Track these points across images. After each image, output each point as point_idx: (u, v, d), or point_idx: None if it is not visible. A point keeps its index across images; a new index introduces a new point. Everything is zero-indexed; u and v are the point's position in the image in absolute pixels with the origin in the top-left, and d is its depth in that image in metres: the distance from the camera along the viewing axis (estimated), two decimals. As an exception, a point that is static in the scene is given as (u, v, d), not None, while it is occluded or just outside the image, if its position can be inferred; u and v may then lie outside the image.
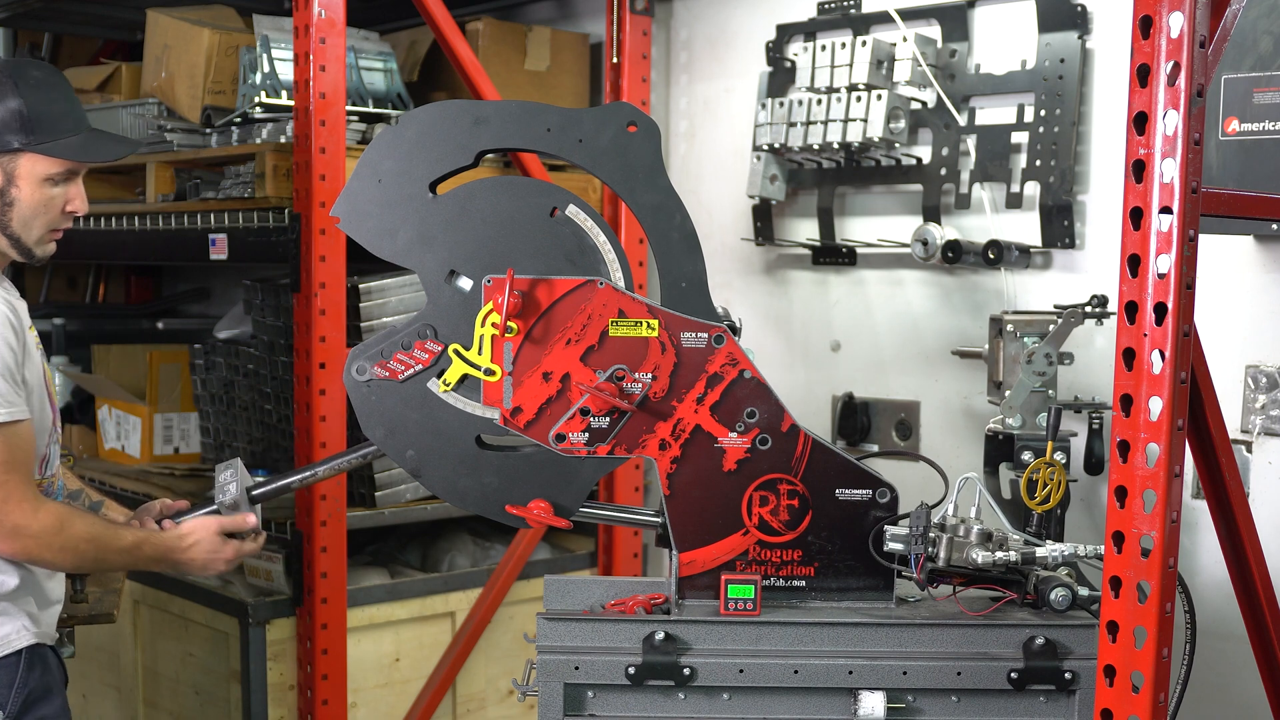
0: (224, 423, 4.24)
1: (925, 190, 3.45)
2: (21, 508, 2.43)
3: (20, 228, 2.50)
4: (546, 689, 2.19)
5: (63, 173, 2.52)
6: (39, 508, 2.45)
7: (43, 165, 2.49)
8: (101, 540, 2.54)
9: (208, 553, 2.65)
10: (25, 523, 2.43)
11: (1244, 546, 2.10)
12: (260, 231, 3.55)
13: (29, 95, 2.49)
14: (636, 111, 2.30)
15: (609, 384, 2.27)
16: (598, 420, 2.29)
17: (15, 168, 2.47)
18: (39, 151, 2.47)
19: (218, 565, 2.67)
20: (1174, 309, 1.61)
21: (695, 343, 2.28)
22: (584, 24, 4.35)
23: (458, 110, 2.31)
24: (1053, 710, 2.20)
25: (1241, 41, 2.72)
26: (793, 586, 2.32)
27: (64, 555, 2.49)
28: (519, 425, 2.29)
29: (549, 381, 2.28)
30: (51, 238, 2.56)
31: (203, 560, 2.65)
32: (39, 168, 2.48)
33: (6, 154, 2.46)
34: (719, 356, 2.29)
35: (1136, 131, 1.64)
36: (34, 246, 2.53)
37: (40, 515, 2.44)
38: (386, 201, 2.29)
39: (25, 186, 2.48)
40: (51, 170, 2.50)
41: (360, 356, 2.30)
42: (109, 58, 4.90)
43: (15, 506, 2.42)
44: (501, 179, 2.38)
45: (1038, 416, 2.68)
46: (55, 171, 2.51)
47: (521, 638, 3.82)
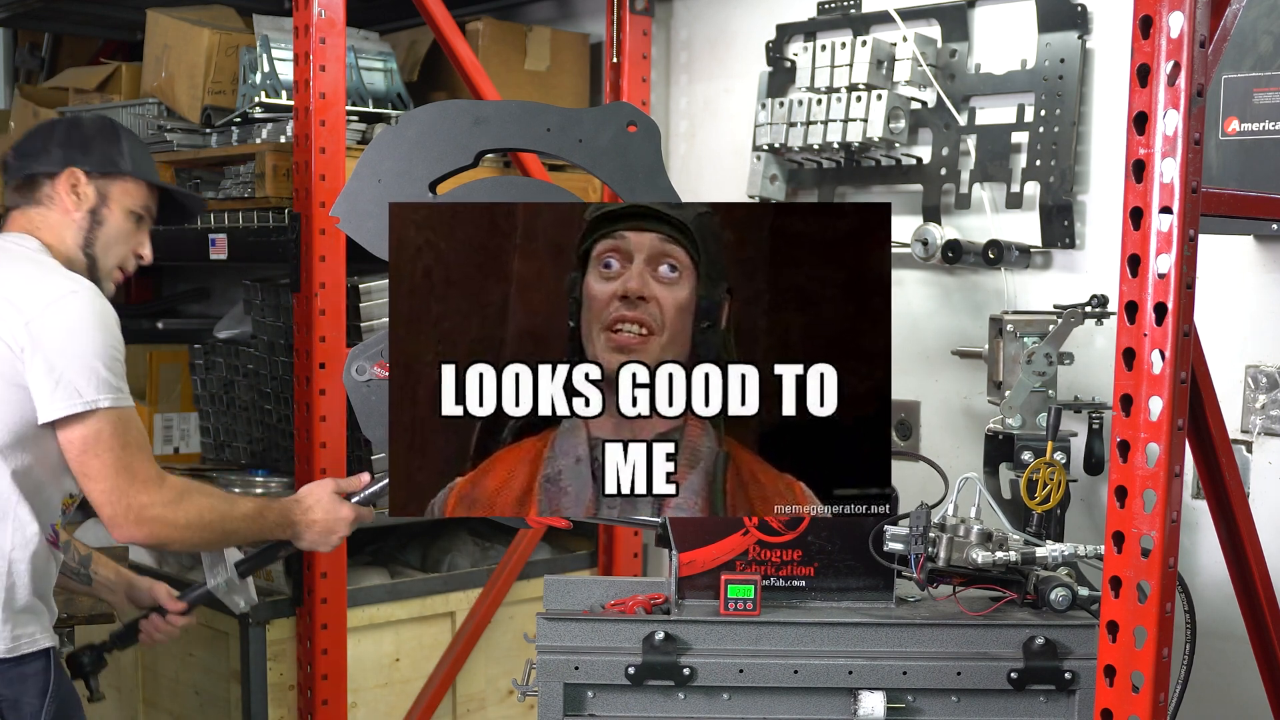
0: (224, 423, 4.24)
1: (925, 190, 3.45)
2: (147, 487, 2.43)
3: (101, 250, 2.61)
4: (546, 689, 2.19)
5: (144, 210, 2.66)
6: (162, 484, 2.46)
7: (132, 197, 2.63)
8: (223, 510, 2.55)
9: (326, 513, 2.63)
10: (151, 501, 2.42)
11: (1244, 546, 2.10)
12: (260, 231, 3.54)
13: (131, 140, 2.69)
14: (636, 111, 2.30)
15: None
16: (598, 420, 2.28)
17: (110, 191, 2.61)
18: (138, 177, 2.63)
19: (339, 528, 2.64)
20: (1174, 309, 1.61)
21: (695, 343, 2.28)
22: (584, 24, 4.35)
23: (458, 110, 2.31)
24: (1053, 710, 2.20)
25: (1241, 41, 2.72)
26: (793, 586, 2.32)
27: (190, 531, 2.48)
28: (519, 425, 2.29)
29: (549, 381, 2.28)
30: (117, 275, 2.67)
31: (323, 522, 2.63)
32: (128, 198, 2.63)
33: (107, 176, 2.61)
34: (719, 356, 2.28)
35: (1136, 131, 1.64)
36: (104, 275, 2.63)
37: (164, 492, 2.45)
38: (386, 201, 2.29)
39: (115, 211, 2.62)
40: (138, 204, 2.64)
41: (360, 356, 2.30)
42: (109, 58, 4.90)
43: (141, 486, 2.42)
44: (501, 179, 2.38)
45: (1038, 416, 2.68)
46: (140, 206, 2.65)
47: (521, 638, 3.82)
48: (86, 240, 2.60)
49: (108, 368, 2.41)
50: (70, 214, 2.59)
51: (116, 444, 2.41)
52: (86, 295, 2.46)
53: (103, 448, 2.40)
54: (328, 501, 2.64)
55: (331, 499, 2.64)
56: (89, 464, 2.40)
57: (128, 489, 2.41)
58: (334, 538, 2.66)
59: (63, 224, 2.59)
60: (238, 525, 2.57)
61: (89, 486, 2.43)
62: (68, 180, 2.59)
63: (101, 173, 2.61)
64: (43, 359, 2.37)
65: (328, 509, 2.63)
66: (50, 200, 2.60)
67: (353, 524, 2.66)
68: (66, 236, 2.59)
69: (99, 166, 2.61)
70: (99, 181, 2.61)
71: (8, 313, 2.39)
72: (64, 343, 2.39)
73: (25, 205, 2.62)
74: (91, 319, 2.43)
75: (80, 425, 2.39)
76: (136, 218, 2.66)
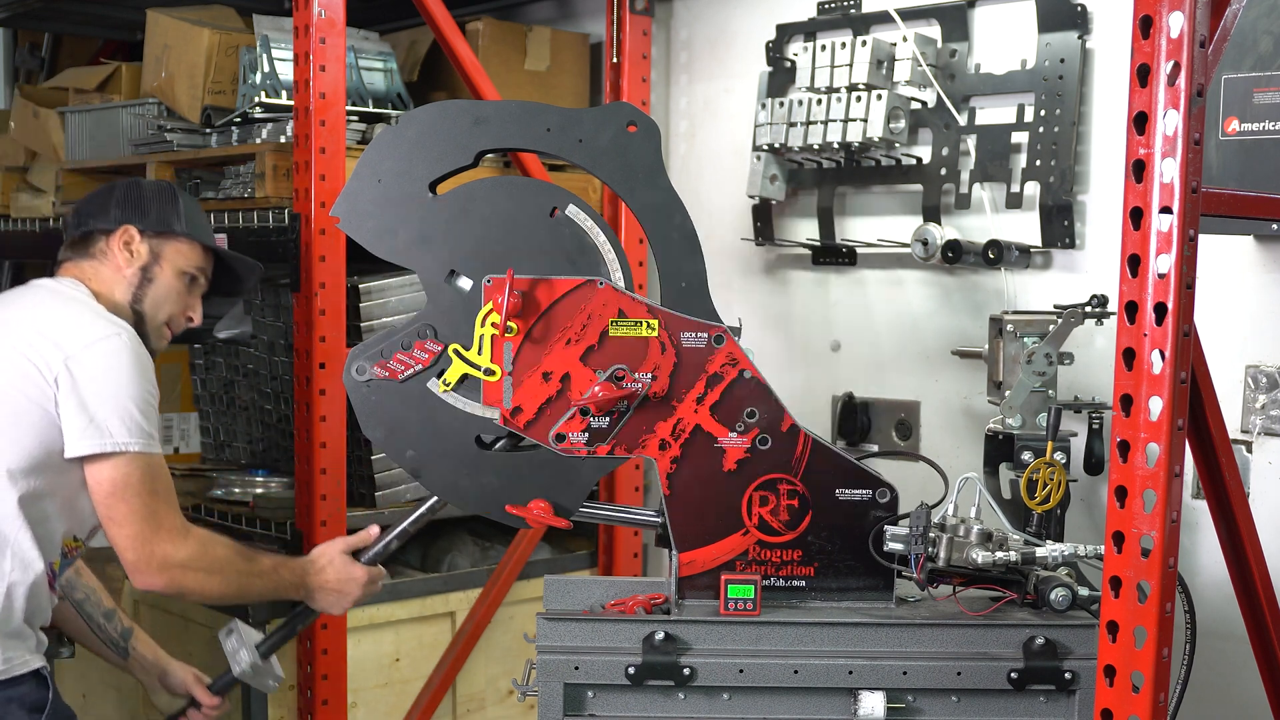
0: (224, 423, 4.24)
1: (925, 190, 3.44)
2: (171, 536, 2.47)
3: (150, 306, 2.68)
4: (546, 689, 2.19)
5: (197, 271, 2.72)
6: (186, 535, 2.50)
7: (185, 257, 2.70)
8: (242, 566, 2.57)
9: (338, 573, 2.62)
10: (172, 553, 2.46)
11: (1244, 546, 2.10)
12: (260, 231, 3.54)
13: (189, 204, 2.74)
14: (636, 111, 2.30)
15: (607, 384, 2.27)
16: (598, 420, 2.29)
17: (163, 250, 2.68)
18: (191, 239, 2.70)
19: (351, 589, 2.63)
20: (1174, 309, 1.61)
21: (695, 343, 2.28)
22: (584, 24, 4.35)
23: (458, 110, 2.31)
24: (1053, 710, 2.20)
25: (1241, 41, 2.72)
26: (793, 586, 2.32)
27: (210, 581, 2.51)
28: (519, 425, 2.29)
29: (549, 381, 2.28)
30: (165, 333, 2.72)
31: (335, 582, 2.62)
32: (181, 259, 2.69)
33: (161, 235, 2.67)
34: (719, 356, 2.29)
35: (1136, 131, 1.64)
36: (151, 331, 2.68)
37: (188, 543, 2.48)
38: (386, 201, 2.29)
39: (167, 269, 2.68)
40: (190, 265, 2.71)
41: (360, 356, 2.30)
42: (109, 58, 4.90)
43: (165, 536, 2.46)
44: (501, 179, 2.38)
45: (1038, 416, 2.68)
46: (193, 267, 2.71)
47: (521, 638, 3.82)
48: (135, 296, 2.66)
49: (141, 413, 2.47)
50: (122, 270, 2.66)
51: (145, 491, 2.45)
52: (127, 339, 2.51)
53: (131, 493, 2.44)
54: (339, 561, 2.64)
55: (343, 559, 2.64)
56: (116, 508, 2.44)
57: (152, 537, 2.45)
58: (347, 600, 2.65)
59: (114, 279, 2.66)
60: (254, 581, 2.60)
61: (113, 531, 2.47)
62: (122, 236, 2.66)
63: (156, 231, 2.67)
64: (77, 396, 2.42)
65: (339, 569, 2.63)
66: (104, 255, 2.67)
67: (366, 585, 2.65)
68: (116, 290, 2.65)
69: (154, 225, 2.67)
70: (153, 240, 2.67)
71: (47, 348, 2.45)
72: (100, 382, 2.44)
73: (79, 259, 2.69)
74: (130, 363, 2.48)
75: (110, 467, 2.43)
76: (189, 279, 2.72)
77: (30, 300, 2.62)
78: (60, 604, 2.73)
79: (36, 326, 2.51)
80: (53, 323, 2.51)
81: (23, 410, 2.43)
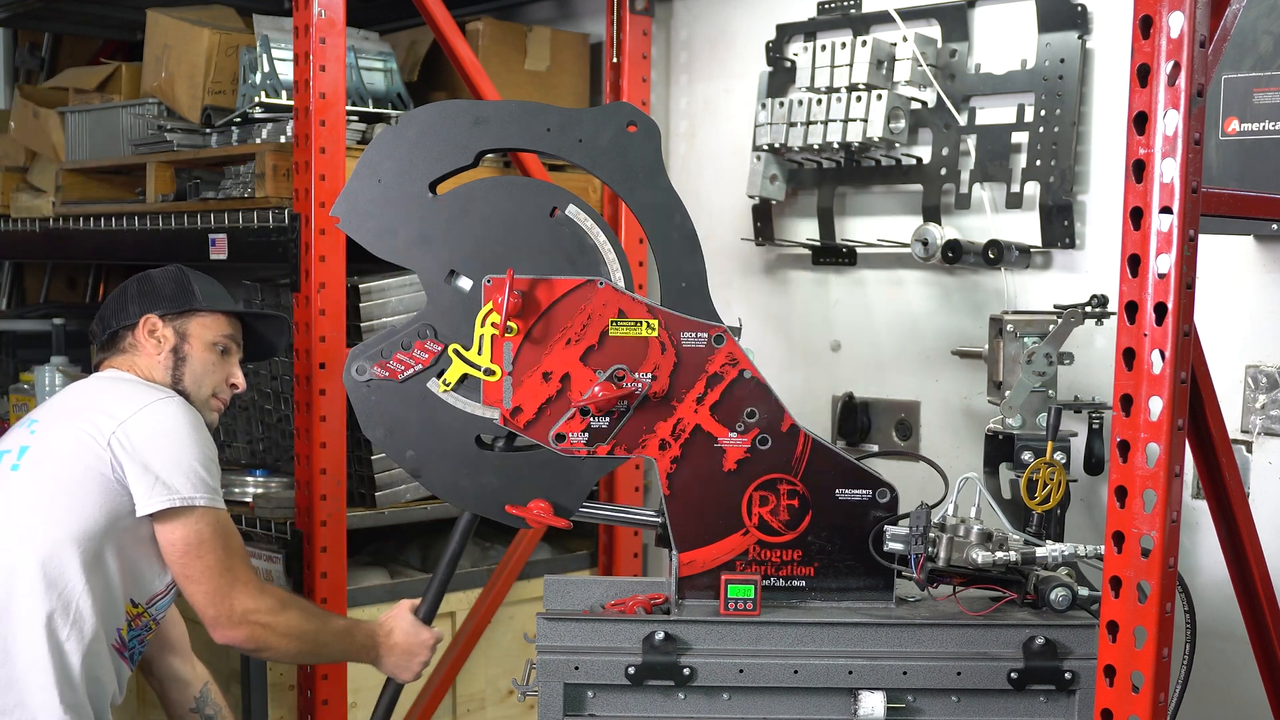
0: (224, 423, 4.23)
1: (925, 190, 3.44)
2: (249, 590, 2.51)
3: (192, 384, 2.71)
4: (546, 689, 2.19)
5: (226, 340, 2.76)
6: (263, 590, 2.53)
7: (210, 329, 2.74)
8: (317, 625, 2.61)
9: (406, 635, 2.64)
10: (254, 606, 2.50)
11: (1244, 546, 2.10)
12: (260, 231, 3.54)
13: (201, 280, 2.79)
14: (636, 111, 2.30)
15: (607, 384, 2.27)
16: (598, 420, 2.29)
17: (188, 328, 2.73)
18: (211, 309, 2.74)
19: (420, 651, 2.65)
20: (1174, 309, 1.61)
21: (695, 343, 2.28)
22: (584, 24, 4.35)
23: (458, 110, 2.31)
24: (1053, 710, 2.21)
25: (1241, 41, 2.72)
26: (793, 586, 2.33)
27: (288, 641, 2.54)
28: (519, 425, 2.29)
29: (549, 381, 2.28)
30: (216, 404, 2.76)
31: (403, 644, 2.64)
32: (207, 332, 2.74)
33: (182, 315, 2.72)
34: (719, 356, 2.29)
35: (1136, 131, 1.64)
36: (200, 406, 2.71)
37: (265, 598, 2.52)
38: (386, 201, 2.29)
39: (196, 345, 2.73)
40: (218, 335, 2.75)
41: (360, 356, 2.30)
42: (109, 58, 4.90)
43: (242, 589, 2.50)
44: (501, 179, 2.38)
45: (1038, 416, 2.68)
46: (221, 336, 2.75)
47: (521, 638, 3.82)
48: (175, 377, 2.70)
49: (205, 468, 2.51)
50: (154, 357, 2.71)
51: (219, 546, 2.49)
52: (178, 401, 2.59)
53: (205, 550, 2.48)
54: (407, 624, 2.66)
55: (411, 621, 2.67)
56: (192, 565, 2.48)
57: (230, 591, 2.48)
58: (415, 662, 2.66)
59: (150, 365, 2.71)
60: (329, 640, 2.64)
61: (191, 588, 2.50)
62: (145, 327, 2.71)
63: (176, 312, 2.72)
64: (139, 458, 2.47)
65: (407, 631, 2.66)
66: (134, 348, 2.72)
67: (432, 647, 2.68)
68: (156, 375, 2.70)
69: (172, 307, 2.72)
70: (175, 322, 2.72)
71: (100, 418, 2.51)
72: (158, 441, 2.50)
73: (113, 356, 2.75)
74: (184, 422, 2.55)
75: (181, 525, 2.47)
76: (221, 349, 2.76)
77: (81, 388, 2.72)
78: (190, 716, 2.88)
79: (90, 403, 2.60)
80: (104, 397, 2.60)
81: (80, 479, 2.48)
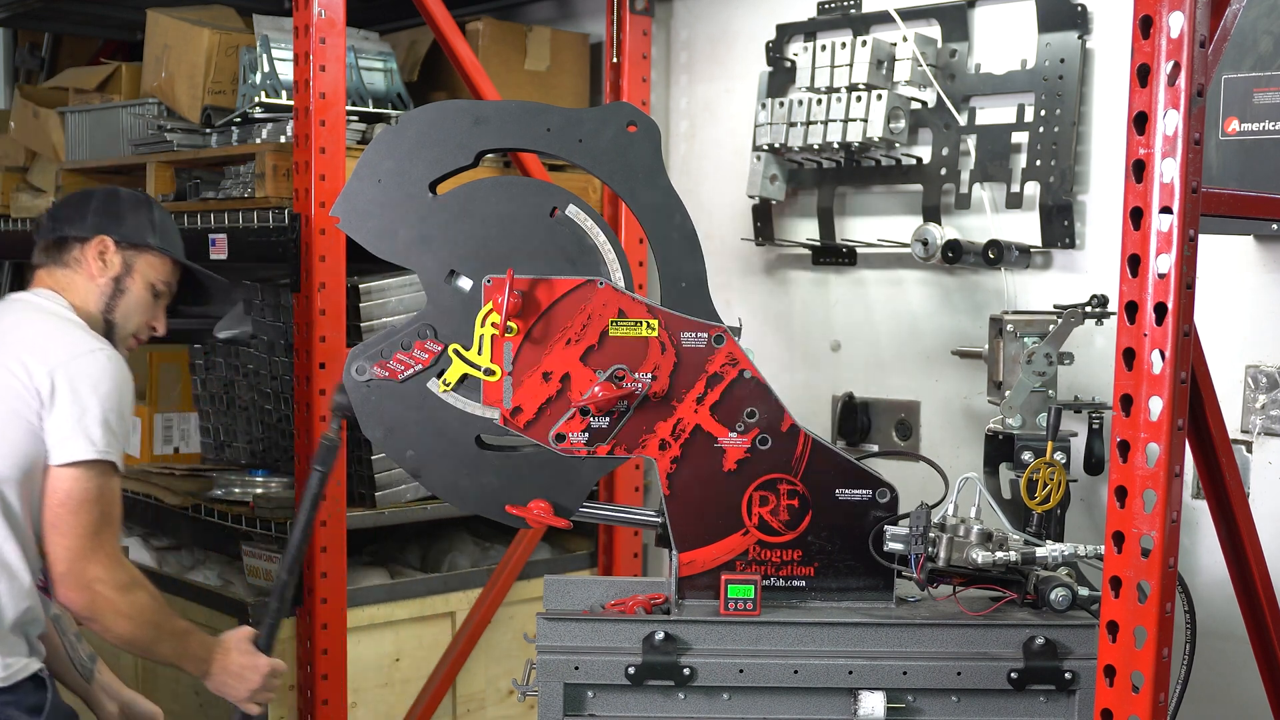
0: (224, 423, 4.24)
1: (925, 190, 3.44)
2: (107, 560, 2.47)
3: (120, 317, 2.71)
4: (546, 689, 2.19)
5: (164, 286, 2.77)
6: (119, 565, 2.50)
7: (156, 271, 2.74)
8: (160, 619, 2.56)
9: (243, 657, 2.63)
10: (105, 577, 2.46)
11: (1244, 546, 2.10)
12: (260, 231, 3.54)
13: (161, 215, 2.78)
14: (636, 111, 2.30)
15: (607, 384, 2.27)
16: (598, 420, 2.29)
17: (136, 263, 2.72)
18: (164, 253, 2.74)
19: (251, 677, 2.63)
20: (1174, 309, 1.61)
21: (695, 343, 2.28)
22: (584, 24, 4.35)
23: (458, 110, 2.31)
24: (1053, 710, 2.20)
25: (1241, 41, 2.72)
26: (793, 586, 2.32)
27: (124, 621, 2.49)
28: (519, 425, 2.29)
29: (549, 381, 2.28)
30: (131, 342, 2.76)
31: (237, 665, 2.62)
32: (153, 272, 2.74)
33: (135, 248, 2.71)
34: (719, 356, 2.29)
35: (1136, 131, 1.64)
36: (120, 341, 2.71)
37: (118, 573, 2.48)
38: (386, 201, 2.29)
39: (138, 282, 2.72)
40: (160, 279, 2.75)
41: (360, 356, 2.30)
42: (109, 58, 4.90)
43: (102, 557, 2.46)
44: (501, 179, 2.38)
45: (1038, 416, 2.68)
46: (161, 281, 2.75)
47: (521, 638, 3.82)
48: (108, 306, 2.69)
49: (120, 429, 2.49)
50: (95, 279, 2.69)
51: (99, 510, 2.47)
52: (111, 354, 2.56)
53: (86, 508, 2.45)
54: (246, 647, 2.65)
55: (250, 646, 2.66)
56: (65, 518, 2.45)
57: (89, 555, 2.45)
58: (244, 687, 2.64)
59: (87, 288, 2.69)
60: (166, 637, 2.57)
61: (54, 538, 2.46)
62: (97, 247, 2.69)
63: (130, 244, 2.70)
64: (63, 406, 2.44)
65: (244, 653, 2.64)
66: (78, 264, 2.70)
67: (267, 675, 2.65)
68: (90, 300, 2.69)
69: (128, 237, 2.70)
70: (126, 252, 2.71)
71: (33, 362, 2.47)
72: (86, 394, 2.47)
73: (53, 265, 2.72)
74: (115, 376, 2.52)
75: (77, 478, 2.45)
76: (156, 292, 2.75)
77: (13, 318, 2.65)
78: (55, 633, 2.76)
79: (22, 341, 2.54)
80: (36, 336, 2.55)
81: (6, 423, 2.45)
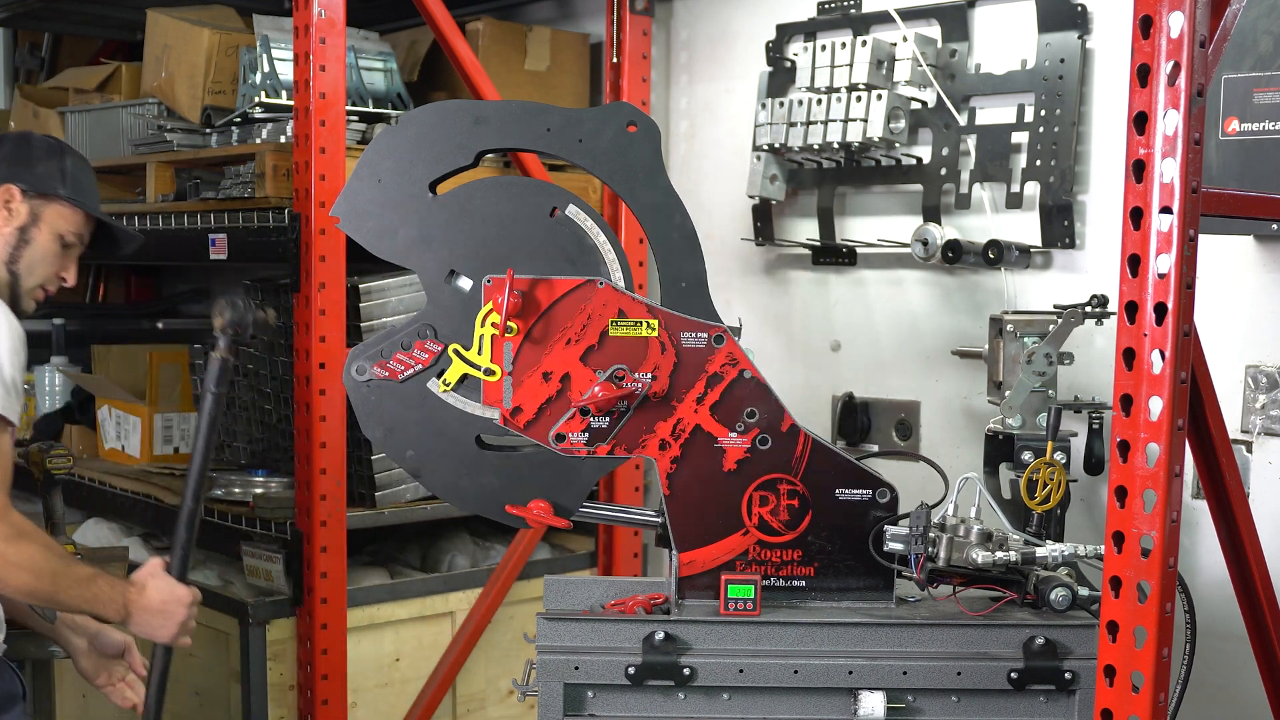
0: (224, 423, 4.23)
1: (925, 190, 3.45)
2: None
3: (24, 269, 2.63)
4: (546, 689, 2.19)
5: (75, 238, 2.68)
6: (6, 516, 2.36)
7: (66, 221, 2.66)
8: (56, 566, 2.41)
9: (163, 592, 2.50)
10: None
11: (1244, 546, 2.10)
12: (260, 231, 3.55)
13: (74, 163, 2.68)
14: (636, 111, 2.30)
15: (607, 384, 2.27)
16: (598, 420, 2.29)
17: (43, 213, 2.64)
18: (73, 203, 2.65)
19: (176, 610, 2.51)
20: (1174, 309, 1.61)
21: (695, 343, 2.28)
22: (584, 24, 4.35)
23: (458, 110, 2.31)
24: (1053, 710, 2.20)
25: (1241, 41, 2.72)
26: (793, 586, 2.32)
27: (18, 572, 2.35)
28: (519, 425, 2.29)
29: (549, 381, 2.28)
30: (38, 294, 2.67)
31: (159, 602, 2.49)
32: (62, 222, 2.65)
33: (43, 197, 2.63)
34: (719, 356, 2.29)
35: (1136, 131, 1.64)
36: (23, 292, 2.64)
37: (3, 525, 2.34)
38: (386, 201, 2.29)
39: (45, 232, 2.64)
40: (68, 229, 2.67)
41: (360, 356, 2.30)
42: (109, 58, 4.90)
43: None
44: (501, 179, 2.38)
45: (1038, 416, 2.68)
46: (70, 231, 2.67)
47: (521, 638, 3.82)
48: (11, 257, 2.61)
49: (14, 385, 2.42)
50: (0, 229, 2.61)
51: None
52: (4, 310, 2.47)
53: None
54: (162, 580, 2.52)
55: (166, 578, 2.52)
56: None
57: None
58: (172, 623, 2.52)
59: None
60: (69, 584, 2.43)
61: None
62: (2, 195, 2.61)
63: (38, 193, 2.62)
64: None
65: (161, 588, 2.51)
66: None
67: (190, 604, 2.54)
68: None
69: (36, 186, 2.62)
70: (34, 201, 2.63)
71: None
72: None
73: None
74: (7, 333, 2.43)
75: None
76: (65, 243, 2.67)
77: None
78: None
79: None
80: None
81: None
